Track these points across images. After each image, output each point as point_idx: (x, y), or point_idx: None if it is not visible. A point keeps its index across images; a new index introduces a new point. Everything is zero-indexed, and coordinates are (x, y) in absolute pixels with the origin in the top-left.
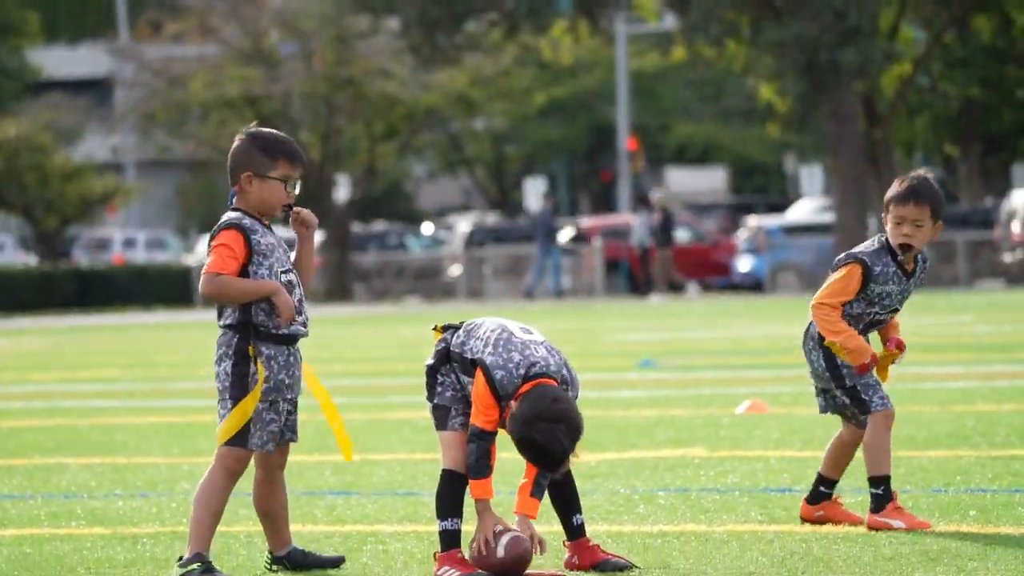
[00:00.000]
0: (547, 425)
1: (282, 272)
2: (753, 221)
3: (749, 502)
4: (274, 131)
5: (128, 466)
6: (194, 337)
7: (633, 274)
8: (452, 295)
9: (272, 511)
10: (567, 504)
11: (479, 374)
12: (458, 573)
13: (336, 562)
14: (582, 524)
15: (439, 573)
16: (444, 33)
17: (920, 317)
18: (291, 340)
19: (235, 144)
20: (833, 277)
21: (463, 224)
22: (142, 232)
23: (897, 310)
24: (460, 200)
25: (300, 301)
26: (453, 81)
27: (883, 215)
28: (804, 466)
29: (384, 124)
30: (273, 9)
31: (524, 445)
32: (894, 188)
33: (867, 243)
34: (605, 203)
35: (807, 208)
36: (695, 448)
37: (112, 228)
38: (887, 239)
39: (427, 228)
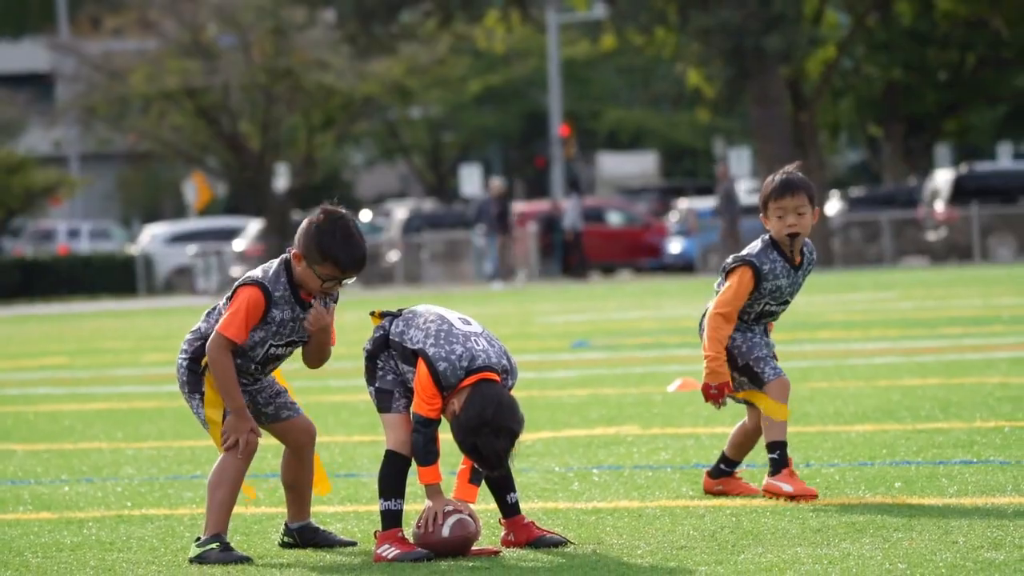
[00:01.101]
0: (490, 435)
1: (274, 346)
2: (684, 204)
3: (681, 478)
4: (346, 228)
5: (74, 452)
6: (138, 325)
7: (566, 256)
8: (390, 280)
9: (297, 484)
10: (502, 483)
11: (421, 364)
12: (397, 551)
13: (348, 544)
14: (516, 502)
15: (379, 551)
16: (380, 23)
17: (846, 294)
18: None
19: (310, 218)
20: (726, 284)
21: (400, 211)
22: (86, 223)
23: (788, 302)
24: (398, 187)
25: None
26: (389, 70)
27: (761, 216)
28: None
29: (322, 114)
30: (211, 3)
31: (467, 449)
32: (767, 187)
33: (753, 244)
34: (539, 188)
35: (737, 190)
36: (628, 426)
37: (56, 219)
38: (770, 236)
39: (365, 215)
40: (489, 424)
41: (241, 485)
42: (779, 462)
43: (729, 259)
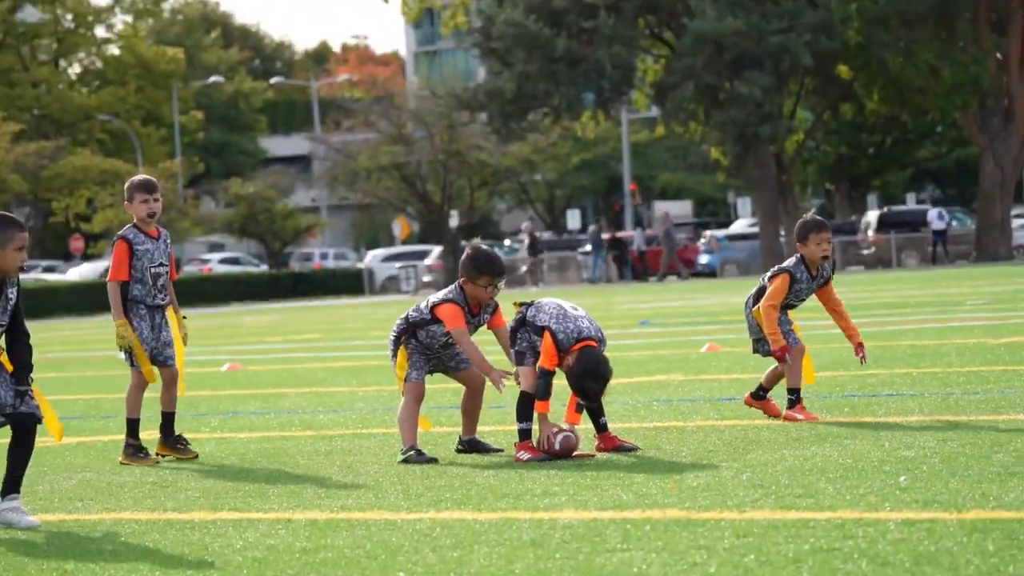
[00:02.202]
0: (591, 380)
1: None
2: (708, 233)
3: (709, 407)
4: (487, 251)
5: (325, 393)
6: (364, 313)
7: (635, 267)
8: (523, 284)
9: (470, 412)
10: (597, 411)
11: (547, 336)
12: (528, 455)
13: (497, 450)
14: (605, 423)
15: (517, 455)
16: (515, 121)
17: None
18: None
19: (464, 254)
20: (772, 285)
21: (529, 239)
22: (331, 249)
23: (804, 299)
24: (529, 225)
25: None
26: (521, 150)
27: (798, 244)
28: (744, 384)
29: (479, 178)
30: (409, 109)
31: (576, 389)
32: (808, 225)
33: (790, 260)
34: (617, 225)
35: (742, 224)
36: (674, 374)
37: (313, 247)
38: (803, 256)
39: (507, 242)
40: (591, 373)
41: (418, 417)
42: (793, 401)
43: (774, 268)
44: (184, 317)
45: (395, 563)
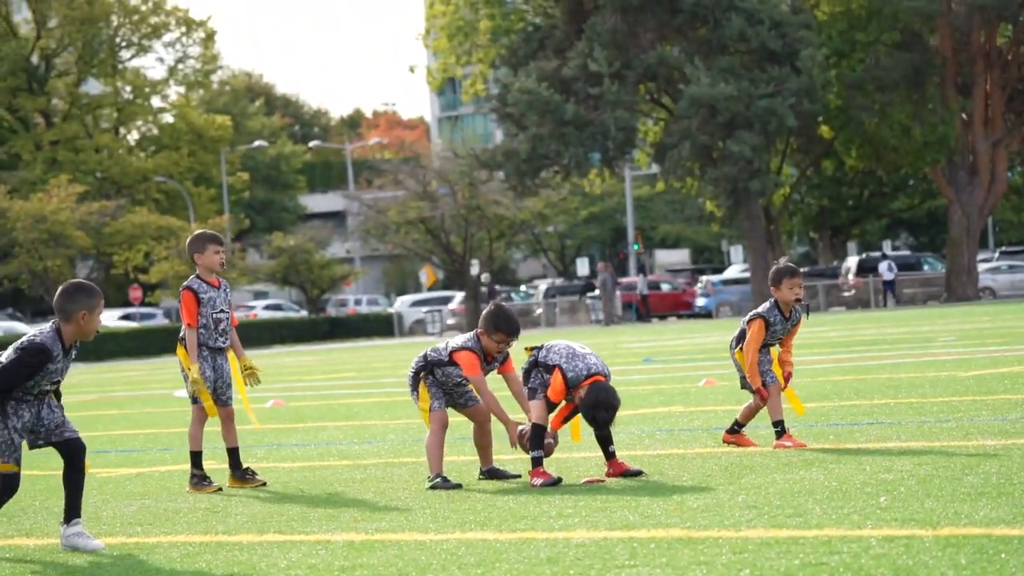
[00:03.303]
0: (603, 408)
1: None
2: (704, 278)
3: (707, 436)
4: (507, 312)
5: (360, 426)
6: (394, 353)
7: (638, 310)
8: (537, 325)
9: (481, 444)
10: (606, 440)
11: (557, 373)
12: (541, 481)
13: (514, 476)
14: (614, 451)
15: (532, 481)
16: (529, 179)
17: (809, 328)
18: None
19: (487, 309)
20: (751, 330)
21: (543, 285)
22: (365, 295)
23: (780, 338)
24: (540, 271)
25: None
26: (535, 205)
27: (773, 288)
28: (735, 415)
29: (497, 230)
30: (434, 169)
31: (588, 418)
32: (781, 271)
33: (764, 305)
34: (622, 271)
35: (735, 270)
36: (675, 406)
37: (348, 294)
38: (776, 300)
39: (523, 287)
40: (602, 403)
41: (443, 445)
42: (779, 432)
43: (750, 313)
44: (251, 361)
45: None
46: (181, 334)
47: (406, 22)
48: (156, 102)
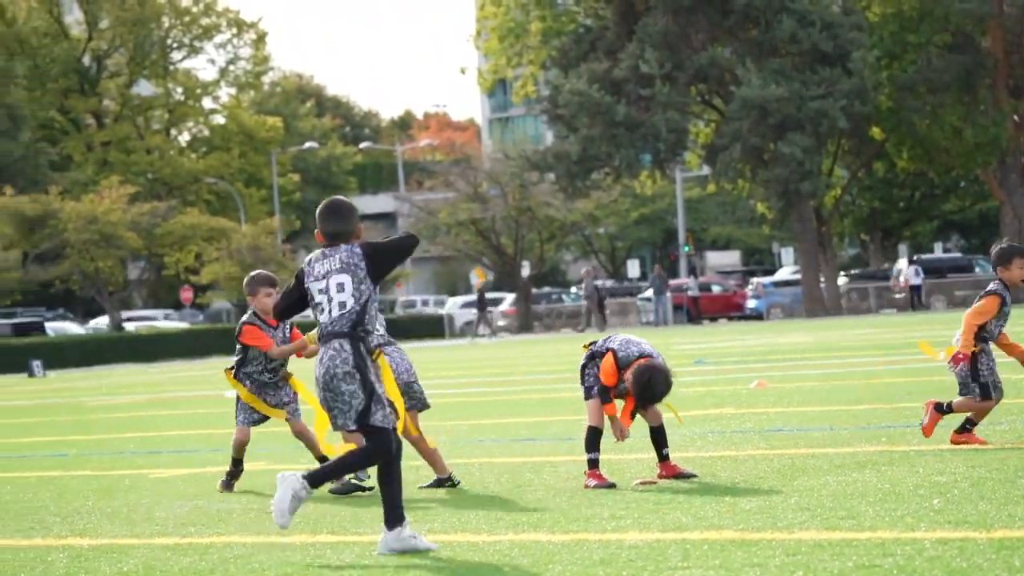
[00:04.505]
0: (657, 381)
1: None
2: (755, 280)
3: (759, 438)
4: (660, 379)
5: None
6: (444, 356)
7: (689, 312)
8: (589, 326)
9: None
10: (660, 442)
11: (609, 355)
12: (595, 483)
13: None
14: (667, 454)
15: (587, 483)
16: (580, 180)
17: (852, 331)
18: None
19: (646, 374)
20: (981, 303)
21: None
22: (416, 296)
23: (1002, 327)
24: (594, 273)
25: None
26: (586, 206)
27: (1000, 268)
28: (791, 417)
29: (548, 232)
30: (485, 170)
31: (642, 389)
32: (1011, 251)
33: (993, 284)
34: (673, 273)
35: (786, 272)
36: (727, 408)
37: (399, 294)
38: (1002, 280)
39: (573, 289)
40: (652, 378)
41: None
42: (967, 429)
43: (984, 290)
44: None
45: None
46: (231, 365)
47: (457, 23)
48: (207, 103)
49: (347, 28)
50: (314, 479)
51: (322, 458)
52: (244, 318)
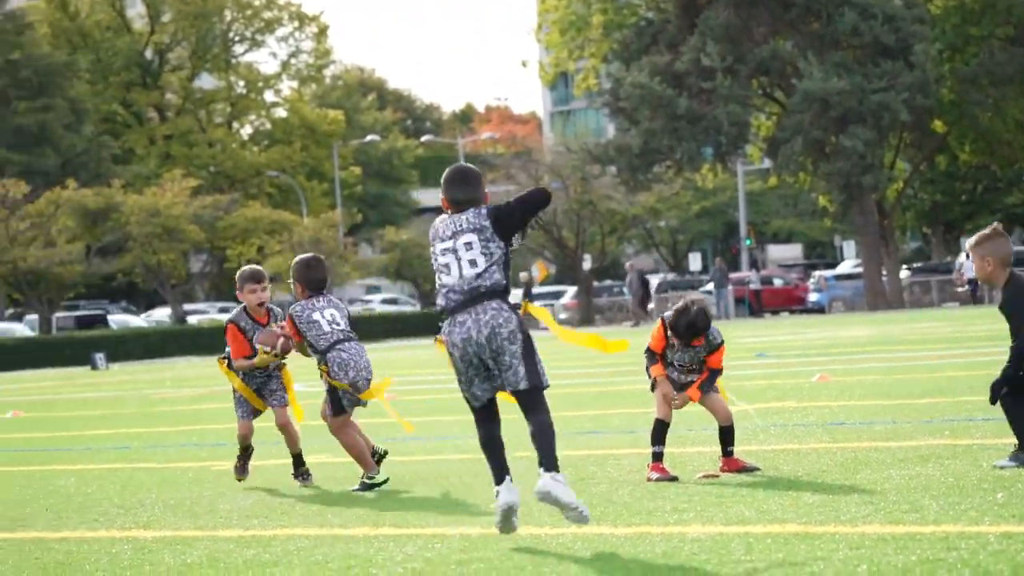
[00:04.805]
0: (695, 310)
1: None
2: (817, 273)
3: (822, 431)
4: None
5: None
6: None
7: (750, 305)
8: (651, 320)
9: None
10: (727, 440)
11: (660, 322)
12: (657, 475)
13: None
14: (732, 451)
15: (649, 475)
16: (641, 173)
17: (915, 324)
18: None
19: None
20: None
21: (655, 280)
22: None
23: None
24: (652, 266)
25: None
26: (647, 199)
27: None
28: (853, 411)
29: (609, 225)
30: (546, 164)
31: (678, 315)
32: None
33: None
34: (734, 267)
35: (848, 265)
36: (788, 401)
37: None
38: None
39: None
40: (689, 307)
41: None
42: None
43: None
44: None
45: (541, 573)
46: (224, 354)
47: (519, 16)
48: (269, 97)
49: (409, 21)
50: (549, 463)
51: (297, 455)
52: (231, 315)
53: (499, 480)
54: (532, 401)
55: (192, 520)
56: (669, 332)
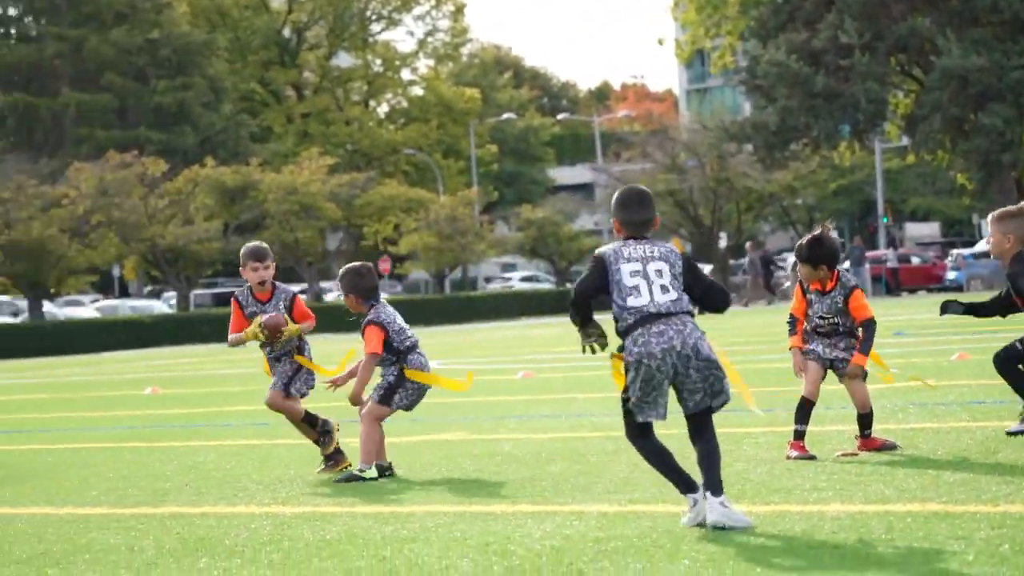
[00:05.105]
0: (826, 236)
1: None
2: (955, 251)
3: (962, 410)
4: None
5: (610, 398)
6: None
7: (887, 283)
8: (787, 298)
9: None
10: (864, 424)
11: (797, 287)
12: (796, 454)
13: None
14: (869, 434)
15: (788, 453)
16: (778, 151)
17: None
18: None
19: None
20: None
21: (791, 258)
22: None
23: None
24: (789, 244)
25: None
26: (784, 177)
27: None
28: (993, 390)
29: (745, 203)
30: (682, 141)
31: (811, 244)
32: None
33: None
34: (871, 243)
35: (985, 243)
36: (930, 379)
37: None
38: None
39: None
40: (822, 235)
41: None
42: None
43: None
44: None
45: (680, 551)
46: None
47: None
48: (406, 75)
49: (544, 0)
50: (715, 487)
51: (310, 419)
52: (236, 291)
53: (693, 488)
54: (704, 422)
55: (331, 496)
56: (806, 286)
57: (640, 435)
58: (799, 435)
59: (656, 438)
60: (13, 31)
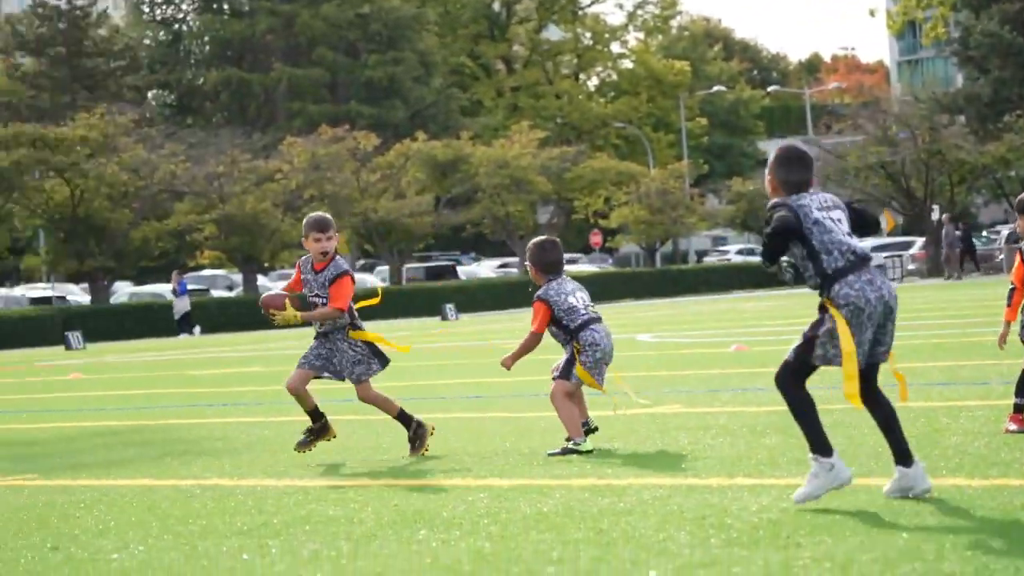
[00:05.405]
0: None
1: None
2: None
3: None
4: None
5: (823, 371)
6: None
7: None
8: (999, 271)
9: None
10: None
11: (1017, 253)
12: (1015, 427)
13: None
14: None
15: (1008, 427)
16: (991, 122)
17: None
18: None
19: None
20: None
21: (1004, 230)
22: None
23: None
24: (1003, 217)
25: None
26: (997, 149)
27: None
28: None
29: (958, 175)
30: (894, 113)
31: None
32: None
33: None
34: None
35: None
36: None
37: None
38: None
39: (984, 233)
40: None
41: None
42: None
43: None
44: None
45: (899, 524)
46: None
47: None
48: (615, 48)
49: None
50: (907, 455)
51: (314, 410)
52: (302, 258)
53: (830, 452)
54: (875, 379)
55: (546, 469)
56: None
57: (797, 384)
58: (1019, 408)
59: (808, 392)
60: (226, 7)
